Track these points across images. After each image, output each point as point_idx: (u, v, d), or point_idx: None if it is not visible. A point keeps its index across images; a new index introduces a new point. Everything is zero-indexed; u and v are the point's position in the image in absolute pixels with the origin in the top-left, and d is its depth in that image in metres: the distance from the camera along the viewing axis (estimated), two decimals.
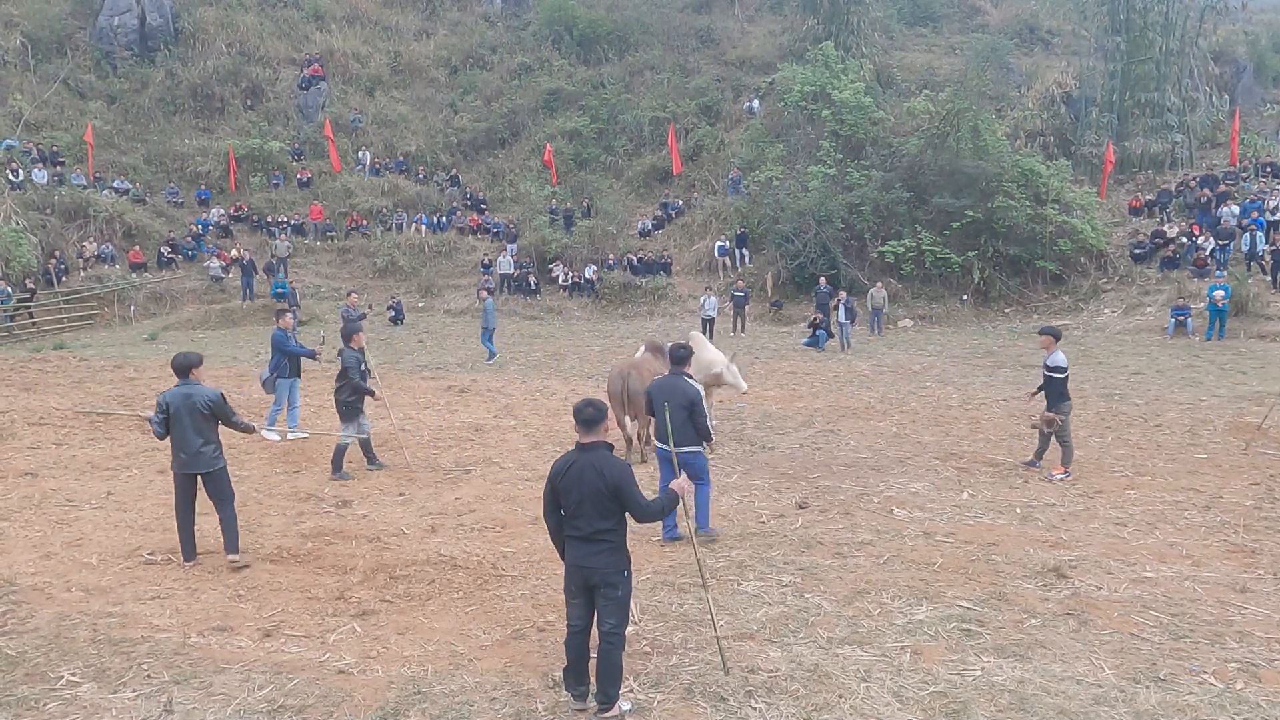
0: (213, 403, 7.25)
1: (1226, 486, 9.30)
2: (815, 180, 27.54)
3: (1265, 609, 6.26)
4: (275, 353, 11.75)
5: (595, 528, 4.84)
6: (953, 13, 41.16)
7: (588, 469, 4.83)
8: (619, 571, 4.90)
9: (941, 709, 4.94)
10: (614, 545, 4.88)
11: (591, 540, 4.85)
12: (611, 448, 4.99)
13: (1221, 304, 20.89)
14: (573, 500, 4.87)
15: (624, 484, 4.79)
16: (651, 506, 4.94)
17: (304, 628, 6.15)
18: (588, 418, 4.92)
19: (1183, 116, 30.46)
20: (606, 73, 38.27)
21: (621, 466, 4.87)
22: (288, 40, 39.55)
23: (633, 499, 4.81)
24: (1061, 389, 9.66)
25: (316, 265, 31.34)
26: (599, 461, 4.84)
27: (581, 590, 4.96)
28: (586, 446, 4.91)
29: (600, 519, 4.83)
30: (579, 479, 4.84)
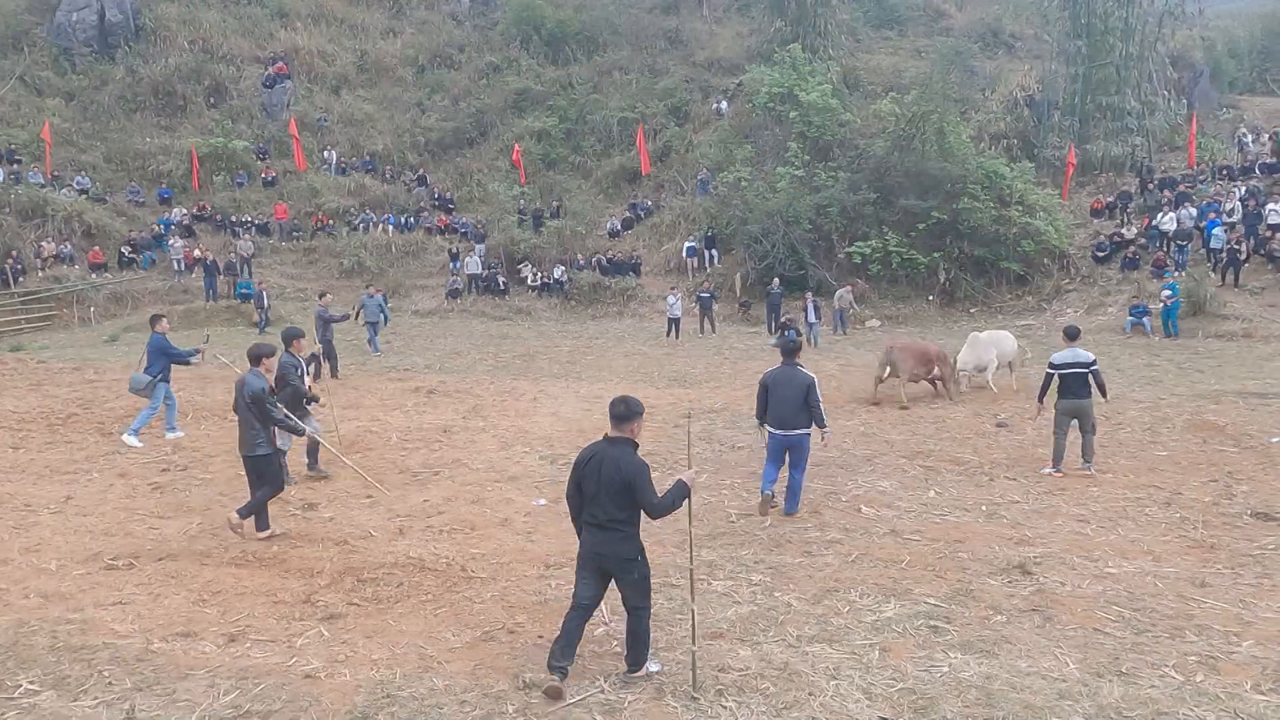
0: (253, 395, 7.68)
1: (1186, 483, 9.48)
2: (783, 181, 27.71)
3: (1223, 603, 6.38)
4: (157, 357, 11.59)
5: (610, 516, 5.10)
6: (918, 16, 41.61)
7: (607, 461, 5.09)
8: (632, 559, 5.17)
9: (909, 705, 4.99)
10: (626, 535, 5.14)
11: (605, 528, 5.13)
12: (636, 446, 5.23)
13: (1169, 303, 21.36)
14: (591, 489, 5.15)
15: (637, 480, 5.02)
16: (663, 502, 5.10)
17: (270, 632, 6.07)
18: (619, 414, 5.21)
19: (1142, 120, 31.02)
20: (575, 73, 38.23)
21: (638, 464, 5.10)
22: (251, 38, 39.08)
23: (644, 495, 5.03)
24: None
25: (282, 265, 30.99)
26: (619, 456, 5.09)
27: (593, 572, 5.24)
28: (613, 440, 5.19)
29: (615, 509, 5.08)
30: (598, 470, 5.11)
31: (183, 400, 14.16)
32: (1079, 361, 9.77)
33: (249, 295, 27.46)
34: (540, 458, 10.89)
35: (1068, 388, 9.80)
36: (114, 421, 12.82)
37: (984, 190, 26.25)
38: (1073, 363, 9.79)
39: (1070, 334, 10.14)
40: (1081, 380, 9.74)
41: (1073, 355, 9.82)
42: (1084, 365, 9.75)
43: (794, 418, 8.19)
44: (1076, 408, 9.80)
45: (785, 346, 8.79)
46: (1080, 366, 9.75)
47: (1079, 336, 10.17)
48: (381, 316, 20.83)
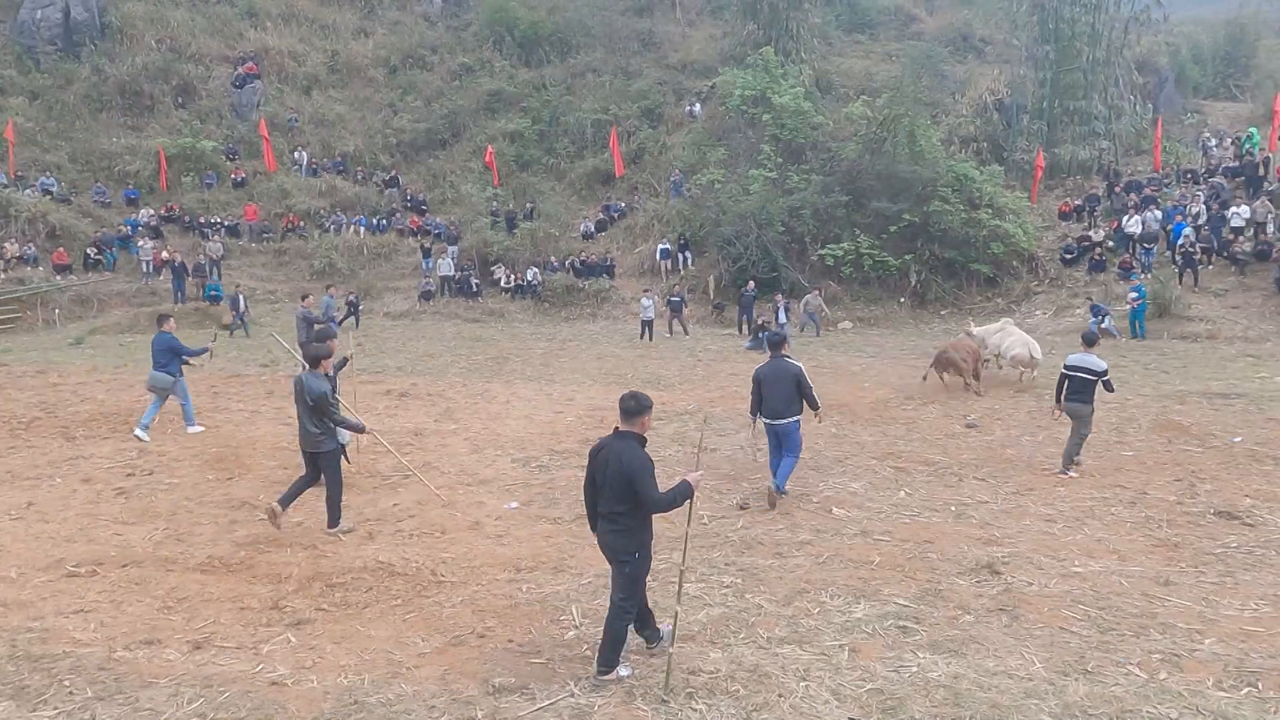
0: (315, 396, 7.88)
1: (1151, 483, 9.61)
2: (756, 184, 27.81)
3: (1187, 600, 6.47)
4: (170, 355, 11.97)
5: (611, 508, 5.25)
6: (889, 20, 41.91)
7: (613, 455, 5.22)
8: (630, 552, 5.27)
9: (878, 706, 5.01)
10: (626, 528, 5.25)
11: (608, 519, 5.30)
12: (644, 441, 5.33)
13: (1136, 305, 21.79)
14: (597, 481, 5.33)
15: (637, 475, 5.11)
16: (663, 498, 5.20)
17: (236, 639, 6.00)
18: (629, 409, 5.33)
19: (1109, 124, 31.45)
20: (548, 74, 38.13)
21: (640, 458, 5.18)
22: (221, 37, 38.65)
23: (644, 489, 5.11)
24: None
25: (252, 267, 30.64)
26: (623, 450, 5.19)
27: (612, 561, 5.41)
28: (620, 434, 5.31)
29: (616, 501, 5.21)
30: (605, 462, 5.26)
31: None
32: (1085, 367, 9.89)
33: (218, 297, 27.12)
34: (512, 461, 10.85)
35: (1071, 390, 9.98)
36: (78, 426, 12.62)
37: (954, 193, 26.48)
38: (1079, 367, 9.93)
39: (1088, 339, 10.34)
40: (1084, 385, 9.87)
41: (1082, 360, 9.98)
42: (1091, 372, 9.86)
43: (785, 408, 8.71)
44: (1072, 410, 9.97)
45: (771, 340, 9.12)
46: (1086, 372, 9.87)
47: (1096, 343, 10.38)
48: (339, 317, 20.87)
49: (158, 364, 12.03)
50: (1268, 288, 22.91)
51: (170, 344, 12.03)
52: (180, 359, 12.11)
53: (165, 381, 12.03)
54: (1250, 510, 8.57)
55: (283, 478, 10.01)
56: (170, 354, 12.00)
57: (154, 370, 12.09)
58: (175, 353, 12.03)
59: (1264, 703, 5.04)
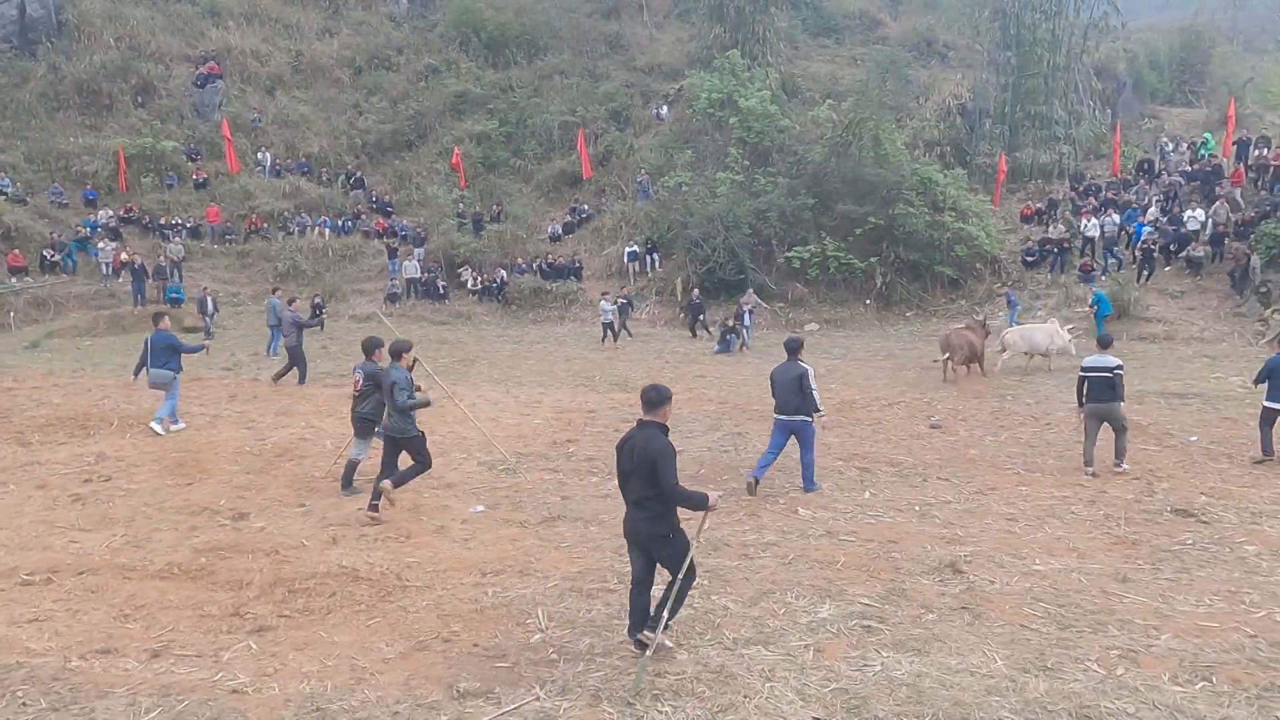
0: (391, 386, 8.47)
1: (1110, 481, 9.77)
2: (723, 186, 27.93)
3: (1144, 597, 6.59)
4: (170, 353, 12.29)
5: (640, 494, 5.45)
6: (854, 25, 42.25)
7: (638, 444, 5.45)
8: (664, 535, 5.50)
9: (842, 705, 5.05)
10: (655, 514, 5.45)
11: (638, 505, 5.50)
12: (666, 430, 5.55)
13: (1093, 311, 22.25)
14: (626, 469, 5.54)
15: (660, 461, 5.33)
16: (680, 492, 5.38)
17: (195, 647, 5.91)
18: (650, 400, 5.55)
19: (1069, 129, 31.98)
20: (515, 76, 38.01)
21: (663, 446, 5.40)
22: (182, 36, 38.08)
23: (664, 475, 5.32)
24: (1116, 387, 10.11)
25: (214, 269, 30.22)
26: (646, 439, 5.43)
27: (633, 545, 5.65)
28: (644, 424, 5.52)
29: (644, 487, 5.41)
30: (630, 452, 5.49)
31: (108, 409, 13.75)
32: (1104, 366, 10.07)
33: (179, 300, 26.73)
34: (478, 464, 10.79)
35: (1093, 392, 10.13)
36: (33, 431, 12.35)
37: (919, 196, 26.78)
38: (1098, 367, 10.10)
39: (1103, 341, 10.56)
40: (1106, 384, 10.03)
41: (1099, 360, 10.16)
42: (1109, 370, 10.04)
43: (794, 405, 9.32)
44: (1102, 411, 10.13)
45: (788, 345, 9.77)
46: (1105, 371, 10.05)
47: (1111, 344, 10.57)
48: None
49: (157, 362, 12.33)
50: (1222, 289, 23.41)
51: (169, 341, 12.41)
52: (179, 355, 12.49)
53: (166, 378, 12.35)
54: (1205, 508, 8.75)
55: (245, 483, 9.91)
56: (170, 351, 12.35)
57: (154, 368, 12.40)
58: (174, 349, 12.40)
59: (1218, 696, 5.14)
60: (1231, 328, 21.95)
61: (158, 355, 12.32)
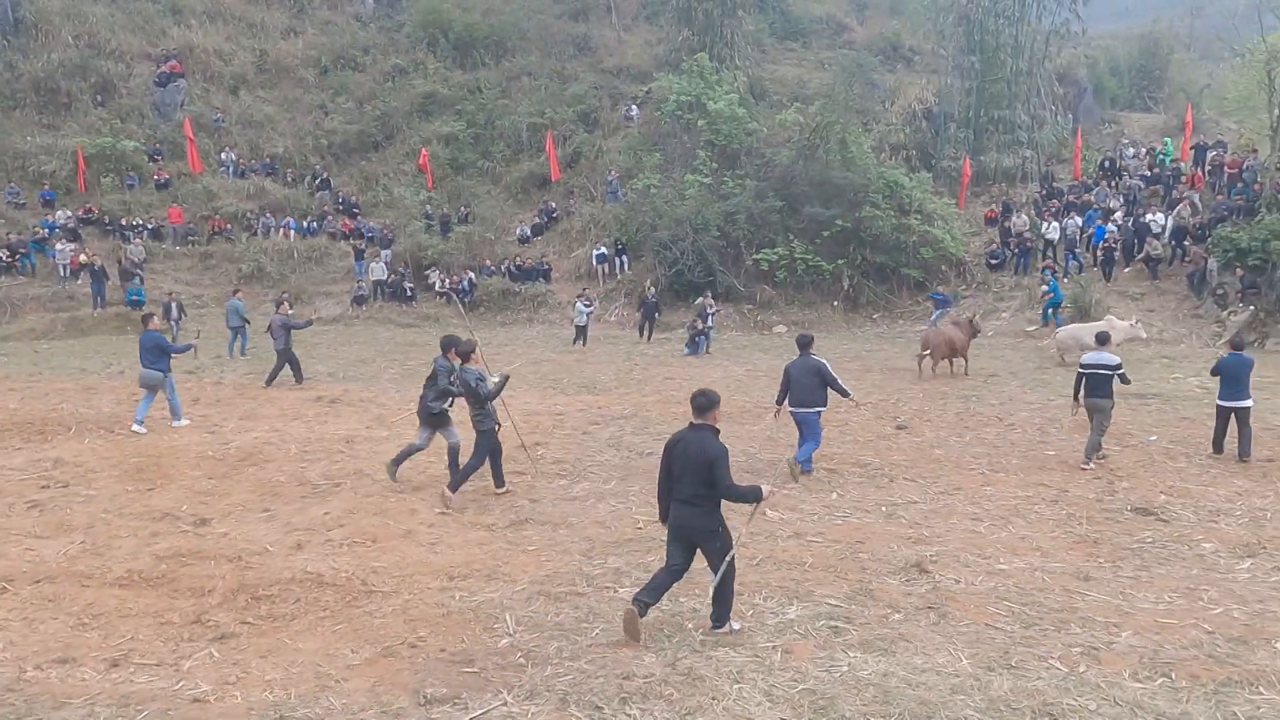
0: (466, 385, 9.20)
1: (1072, 481, 9.91)
2: (692, 189, 27.98)
3: (1105, 595, 6.69)
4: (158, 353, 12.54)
5: (694, 493, 5.79)
6: (821, 29, 42.52)
7: (692, 445, 5.80)
8: (713, 530, 5.88)
9: (810, 706, 5.07)
10: (707, 509, 5.83)
11: (690, 503, 5.83)
12: (717, 432, 5.91)
13: (1048, 298, 23.20)
14: (677, 469, 5.87)
15: (716, 462, 5.70)
16: (735, 488, 5.78)
17: (156, 655, 5.81)
18: (700, 405, 5.92)
19: (1032, 133, 32.42)
20: (483, 77, 37.80)
21: (718, 447, 5.77)
22: (142, 34, 37.46)
23: (720, 475, 5.70)
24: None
25: (176, 271, 29.74)
26: (701, 441, 5.79)
27: (679, 539, 5.98)
28: (696, 427, 5.90)
29: (698, 485, 5.76)
30: (684, 453, 5.82)
31: (66, 413, 13.50)
32: (1103, 363, 10.37)
33: (140, 302, 26.29)
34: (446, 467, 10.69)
35: (1090, 387, 10.44)
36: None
37: (885, 199, 26.99)
38: (1096, 364, 10.41)
39: (1100, 339, 10.87)
40: (1102, 381, 10.34)
41: (1098, 358, 10.48)
42: (1107, 368, 10.34)
43: (809, 398, 9.94)
44: (1093, 405, 10.46)
45: (800, 341, 10.45)
46: (1104, 368, 10.35)
47: (1109, 341, 10.87)
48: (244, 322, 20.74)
49: (146, 362, 12.56)
50: (1181, 291, 23.86)
51: (158, 342, 12.67)
52: (167, 356, 12.72)
53: (155, 379, 12.59)
54: (1165, 506, 8.91)
55: (207, 488, 9.77)
56: (158, 351, 12.57)
57: (143, 369, 12.63)
58: (162, 350, 12.65)
59: (1176, 692, 5.23)
60: (1189, 329, 22.38)
61: (146, 355, 12.53)
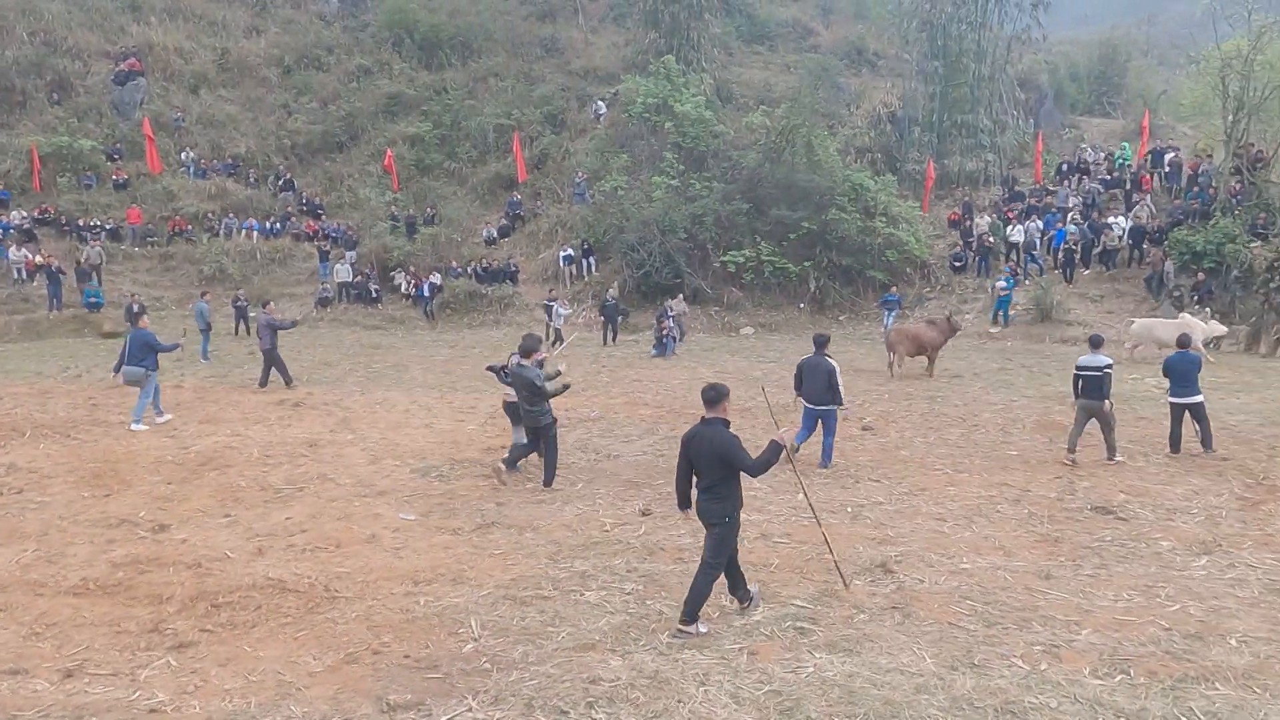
0: (528, 382, 9.61)
1: (1034, 480, 10.04)
2: (659, 190, 28.01)
3: (1065, 593, 6.78)
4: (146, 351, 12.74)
5: (712, 483, 6.06)
6: (787, 33, 42.80)
7: (705, 440, 6.04)
8: (721, 516, 6.06)
9: (776, 707, 5.08)
10: (721, 496, 6.05)
11: (707, 491, 6.09)
12: (728, 424, 6.14)
13: (1003, 294, 23.69)
14: (695, 461, 6.14)
15: (730, 451, 5.96)
16: (757, 463, 5.95)
17: (112, 665, 5.69)
18: (710, 398, 6.15)
19: (994, 137, 32.87)
20: (449, 78, 37.58)
21: (729, 438, 6.01)
22: (100, 32, 36.82)
23: (739, 461, 5.95)
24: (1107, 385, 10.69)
25: (135, 273, 29.25)
26: (713, 434, 6.03)
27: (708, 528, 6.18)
28: (707, 420, 6.12)
29: (715, 477, 6.04)
30: (699, 448, 6.08)
31: (20, 418, 13.21)
32: (1095, 365, 10.62)
33: (99, 304, 25.83)
34: (411, 471, 10.62)
35: (1085, 388, 10.73)
36: None
37: (851, 202, 27.20)
38: (1090, 366, 10.66)
39: (1094, 342, 11.08)
40: (1096, 383, 10.59)
41: (1091, 359, 10.73)
42: (1099, 369, 10.60)
43: (821, 395, 10.55)
44: (1089, 407, 10.73)
45: (816, 340, 11.02)
46: (1095, 370, 10.61)
47: (1102, 345, 11.08)
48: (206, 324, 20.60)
49: (133, 359, 12.78)
50: (1139, 293, 24.30)
51: (147, 339, 12.86)
52: (155, 353, 12.90)
53: (138, 375, 12.74)
54: (1123, 505, 9.05)
55: (166, 493, 9.61)
56: (146, 349, 12.77)
57: (128, 365, 12.88)
58: (150, 347, 12.82)
59: (1135, 688, 5.30)
60: None
61: (134, 353, 12.76)
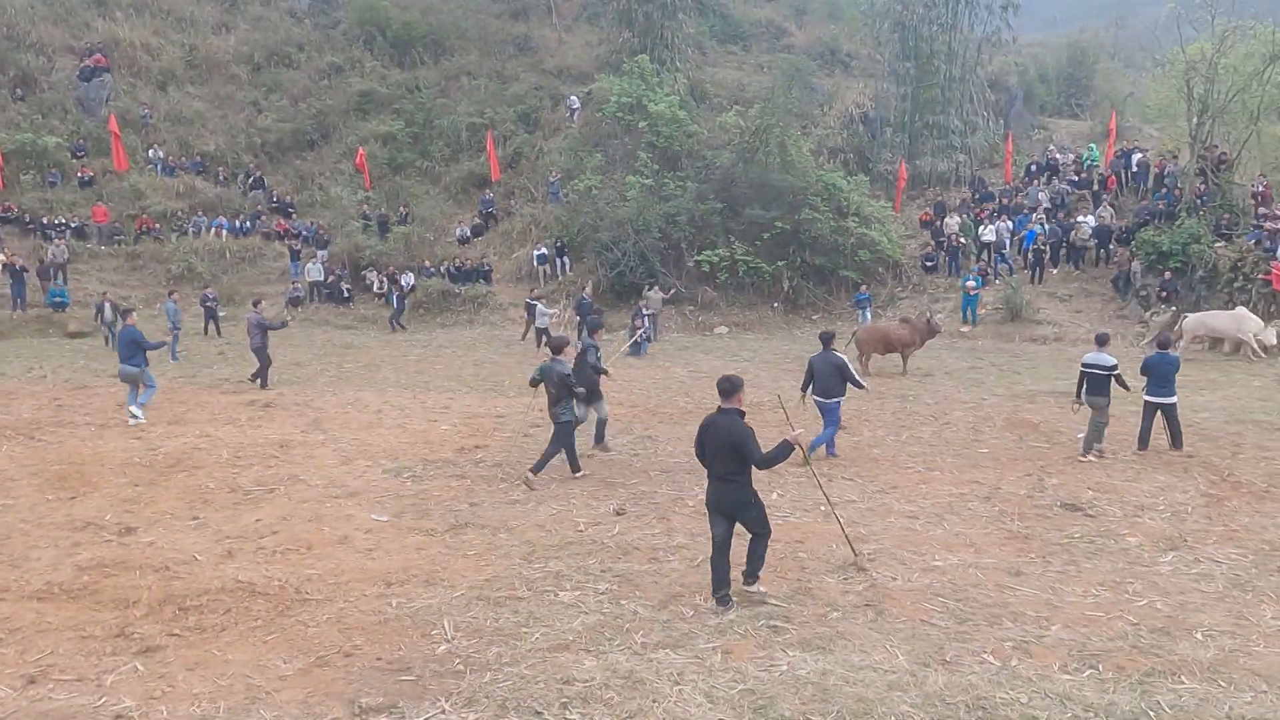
0: (560, 377, 9.89)
1: (1004, 478, 10.14)
2: (633, 190, 27.99)
3: (1035, 589, 6.85)
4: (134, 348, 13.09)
5: (726, 471, 6.32)
6: (761, 33, 42.92)
7: (720, 428, 6.30)
8: (746, 502, 6.40)
9: (749, 706, 5.08)
10: (739, 484, 6.34)
11: (723, 480, 6.35)
12: (743, 414, 6.38)
13: (972, 292, 23.99)
14: (710, 450, 6.39)
15: (743, 442, 6.18)
16: (766, 456, 6.18)
17: (76, 670, 5.59)
18: (725, 389, 6.43)
19: (965, 138, 33.19)
20: (422, 76, 37.34)
21: (743, 428, 6.22)
22: (65, 26, 36.24)
23: (750, 453, 6.18)
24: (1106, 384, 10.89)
25: (101, 272, 28.79)
26: (727, 424, 6.28)
27: (720, 514, 6.45)
28: (723, 410, 6.39)
29: (729, 464, 6.28)
30: (715, 435, 6.34)
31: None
32: (1098, 364, 10.81)
33: (64, 304, 25.43)
34: (384, 471, 10.54)
35: (1088, 386, 10.93)
36: None
37: (824, 202, 27.33)
38: (1093, 364, 10.86)
39: (1099, 340, 11.28)
40: (1097, 381, 10.78)
41: (1095, 358, 10.92)
42: (1103, 368, 10.77)
43: (831, 389, 10.91)
44: (1092, 402, 10.92)
45: (823, 337, 11.40)
46: (1099, 369, 10.79)
47: (1107, 343, 11.29)
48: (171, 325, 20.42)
49: (123, 357, 13.20)
50: (1107, 293, 24.63)
51: (134, 337, 13.20)
52: (143, 351, 13.24)
53: (132, 374, 13.18)
54: (1092, 502, 9.16)
55: (133, 495, 9.47)
56: (134, 346, 13.14)
57: (121, 364, 13.29)
58: (138, 345, 13.18)
59: (1103, 683, 5.37)
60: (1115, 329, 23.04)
61: (124, 350, 13.15)
